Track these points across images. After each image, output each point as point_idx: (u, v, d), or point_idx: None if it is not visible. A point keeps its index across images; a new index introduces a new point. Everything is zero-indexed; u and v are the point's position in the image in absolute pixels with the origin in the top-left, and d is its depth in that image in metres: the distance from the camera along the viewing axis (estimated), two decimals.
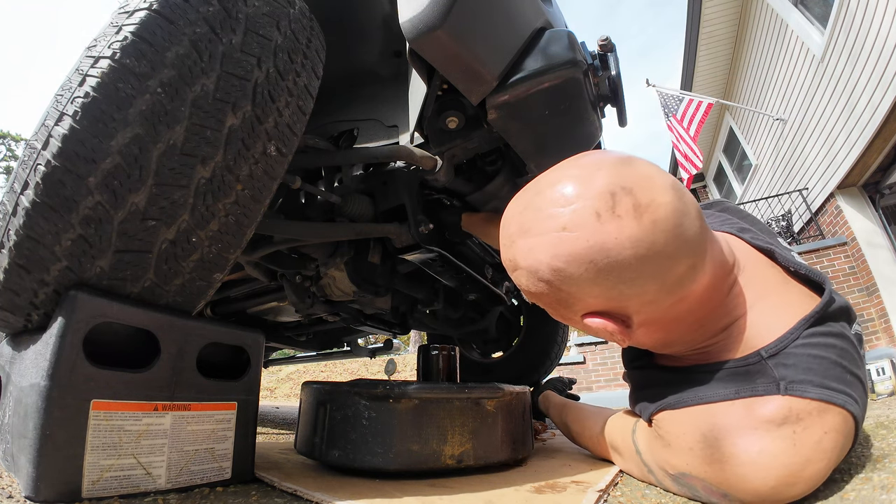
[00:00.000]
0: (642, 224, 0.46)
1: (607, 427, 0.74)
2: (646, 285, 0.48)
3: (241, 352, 0.62)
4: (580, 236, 0.48)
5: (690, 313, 0.53)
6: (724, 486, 0.47)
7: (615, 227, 0.46)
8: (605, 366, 4.73)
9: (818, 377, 0.46)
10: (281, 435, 1.34)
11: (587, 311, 0.53)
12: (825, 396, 0.45)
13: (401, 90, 0.93)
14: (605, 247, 0.47)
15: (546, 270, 0.51)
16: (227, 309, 1.37)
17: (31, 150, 0.49)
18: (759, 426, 0.46)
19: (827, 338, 0.49)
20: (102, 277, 0.50)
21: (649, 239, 0.46)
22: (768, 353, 0.49)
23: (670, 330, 0.55)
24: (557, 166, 0.56)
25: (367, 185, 1.01)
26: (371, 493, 0.54)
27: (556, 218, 0.50)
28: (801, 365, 0.47)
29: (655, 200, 0.47)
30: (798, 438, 0.44)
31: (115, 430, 0.47)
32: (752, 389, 0.48)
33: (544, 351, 1.76)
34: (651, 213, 0.47)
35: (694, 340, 0.56)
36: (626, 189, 0.48)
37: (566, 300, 0.53)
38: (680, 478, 0.53)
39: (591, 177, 0.50)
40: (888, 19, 3.31)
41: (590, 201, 0.48)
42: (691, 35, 5.91)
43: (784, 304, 0.53)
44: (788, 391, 0.46)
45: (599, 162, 0.51)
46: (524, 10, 0.73)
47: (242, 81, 0.54)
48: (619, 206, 0.47)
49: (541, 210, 0.52)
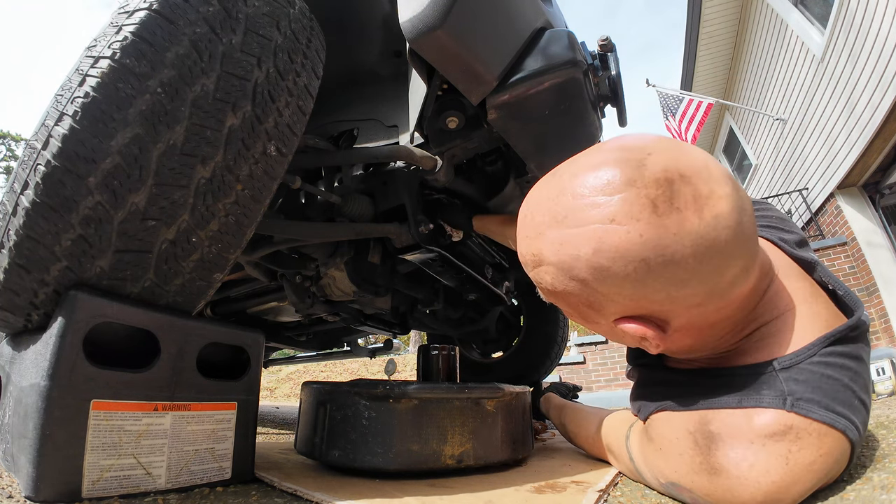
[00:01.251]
0: (703, 219, 0.41)
1: (604, 428, 0.74)
2: (697, 288, 0.43)
3: (241, 352, 0.62)
4: (632, 230, 0.41)
5: (727, 319, 0.49)
6: (711, 497, 0.46)
7: (674, 220, 0.41)
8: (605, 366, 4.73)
9: (826, 398, 0.44)
10: (281, 435, 1.34)
11: (622, 314, 0.47)
12: (828, 419, 0.43)
13: (401, 90, 0.92)
14: (662, 243, 0.41)
15: (583, 268, 0.45)
16: (227, 309, 1.37)
17: (31, 150, 0.49)
18: (755, 439, 0.44)
19: (844, 359, 0.46)
20: (102, 277, 0.50)
21: (711, 236, 0.41)
22: (781, 366, 0.46)
23: (702, 336, 0.50)
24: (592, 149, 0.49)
25: (367, 185, 1.01)
26: (371, 493, 0.54)
27: (602, 207, 0.43)
28: (811, 383, 0.44)
29: (716, 192, 0.42)
30: (792, 458, 0.42)
31: (115, 430, 0.47)
32: (756, 400, 0.45)
33: (544, 351, 1.76)
34: (712, 206, 0.41)
35: (717, 346, 0.53)
36: (684, 177, 0.42)
37: (599, 302, 0.47)
38: (670, 486, 0.52)
39: (644, 161, 0.43)
40: (888, 19, 3.31)
41: (644, 189, 0.42)
42: (691, 35, 5.91)
43: (809, 317, 0.50)
44: (794, 408, 0.43)
45: (649, 144, 0.45)
46: (524, 10, 0.73)
47: (242, 81, 0.54)
48: (679, 196, 0.41)
49: (581, 197, 0.45)
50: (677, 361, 0.61)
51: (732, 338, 0.52)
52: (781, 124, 5.28)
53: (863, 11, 3.58)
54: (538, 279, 0.52)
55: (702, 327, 0.49)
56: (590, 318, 0.51)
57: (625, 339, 0.51)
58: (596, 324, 0.52)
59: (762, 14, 5.27)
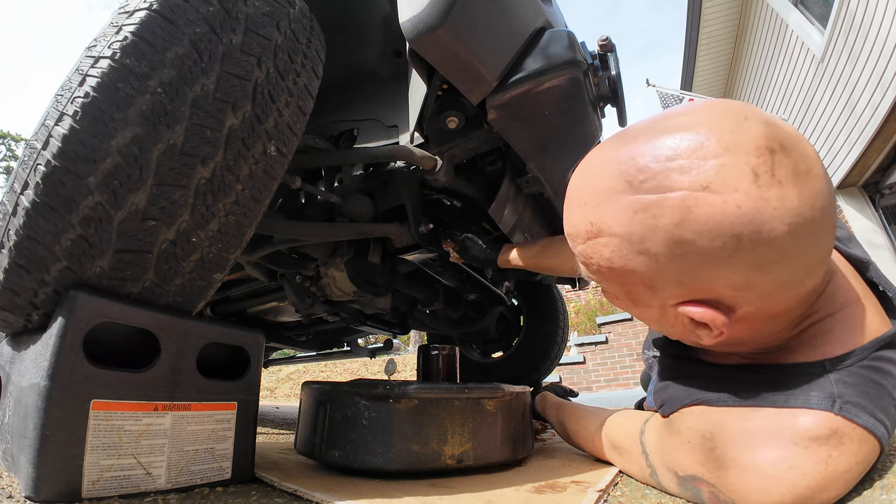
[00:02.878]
0: (803, 195, 0.37)
1: (608, 426, 0.73)
2: (778, 273, 0.39)
3: (241, 352, 0.62)
4: (729, 201, 0.37)
5: (790, 311, 0.45)
6: (736, 495, 0.44)
7: (776, 194, 0.37)
8: (605, 366, 4.73)
9: (871, 404, 0.42)
10: (281, 435, 1.34)
11: (687, 298, 0.43)
12: (871, 426, 0.42)
13: (401, 90, 0.93)
14: (759, 219, 0.36)
15: (660, 240, 0.40)
16: (227, 309, 1.37)
17: (31, 150, 0.49)
18: (799, 441, 0.42)
19: (890, 365, 0.45)
20: (102, 277, 0.50)
21: (809, 215, 0.37)
22: (833, 367, 0.44)
23: (760, 328, 0.46)
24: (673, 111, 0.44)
25: (367, 185, 1.01)
26: (371, 493, 0.54)
27: (694, 172, 0.38)
28: (860, 387, 0.43)
29: (812, 169, 0.38)
30: (832, 462, 0.41)
31: (115, 430, 0.47)
32: (804, 400, 0.44)
33: (544, 351, 1.76)
34: (811, 183, 0.38)
35: (767, 341, 0.49)
36: (785, 149, 0.38)
37: (662, 282, 0.42)
38: (688, 480, 0.51)
39: (740, 125, 0.39)
40: (888, 19, 3.31)
41: (744, 156, 0.37)
42: (691, 35, 5.91)
43: (861, 318, 0.47)
44: (842, 411, 0.42)
45: (743, 108, 0.40)
46: (524, 10, 0.73)
47: (242, 81, 0.54)
48: (780, 168, 0.37)
49: (666, 160, 0.39)
50: (713, 356, 0.57)
51: (786, 332, 0.48)
52: None
53: (863, 11, 3.58)
54: (591, 253, 0.46)
55: (764, 318, 0.45)
56: (642, 301, 0.47)
57: (675, 325, 0.46)
58: (646, 307, 0.47)
59: (762, 14, 5.27)
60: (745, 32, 5.79)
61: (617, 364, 4.69)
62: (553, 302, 1.80)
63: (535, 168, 0.86)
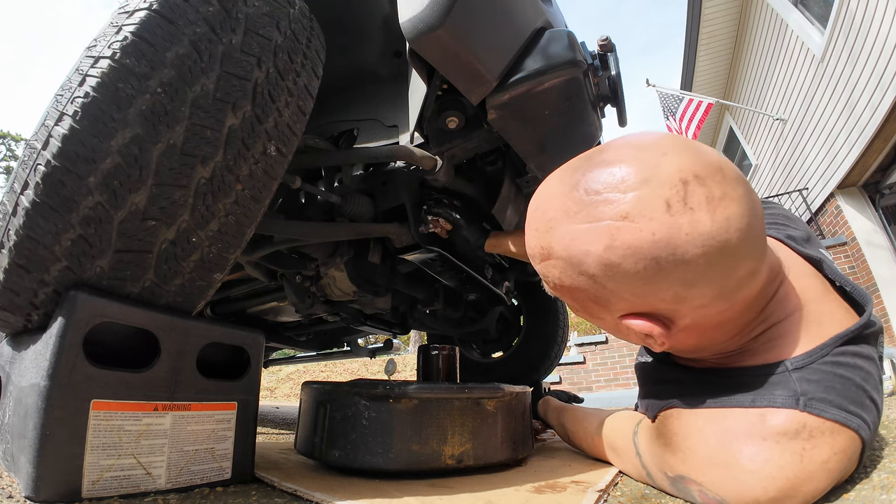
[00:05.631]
0: (716, 220, 0.41)
1: (606, 426, 0.74)
2: (705, 289, 0.44)
3: (241, 352, 0.62)
4: (645, 228, 0.42)
5: (734, 320, 0.49)
6: (722, 491, 0.46)
7: (687, 220, 0.41)
8: (605, 366, 4.73)
9: (839, 398, 0.44)
10: (281, 435, 1.34)
11: (629, 311, 0.48)
12: (841, 418, 0.43)
13: (401, 90, 0.93)
14: (673, 243, 0.41)
15: (593, 263, 0.45)
16: (227, 309, 1.37)
17: (31, 150, 0.49)
18: (769, 437, 0.44)
19: (856, 358, 0.47)
20: (102, 277, 0.50)
21: (722, 237, 0.41)
22: (794, 366, 0.47)
23: (707, 336, 0.51)
24: (607, 145, 0.49)
25: (367, 185, 1.01)
26: (371, 493, 0.54)
27: (616, 204, 0.43)
28: (824, 382, 0.45)
29: (728, 194, 0.42)
30: (807, 455, 0.43)
31: (115, 430, 0.47)
32: (769, 400, 0.46)
33: (544, 351, 1.76)
34: (724, 207, 0.42)
35: (725, 346, 0.53)
36: (699, 178, 0.42)
37: (606, 298, 0.48)
38: (678, 480, 0.52)
39: (658, 160, 0.44)
40: (888, 19, 3.31)
41: (658, 189, 0.42)
42: (691, 35, 5.91)
43: (820, 316, 0.50)
44: (807, 408, 0.44)
45: (664, 144, 0.45)
46: (524, 10, 0.73)
47: (242, 81, 0.54)
48: (692, 196, 0.41)
49: (595, 193, 0.45)
50: (686, 360, 0.61)
51: (742, 338, 0.52)
52: (781, 124, 5.28)
53: (863, 11, 3.58)
54: (545, 273, 0.52)
55: (707, 327, 0.49)
56: (595, 314, 0.52)
57: (629, 335, 0.51)
58: (601, 319, 0.52)
59: (762, 14, 5.27)
60: (745, 32, 5.79)
61: (617, 364, 4.69)
62: (553, 302, 1.80)
63: (535, 168, 0.86)
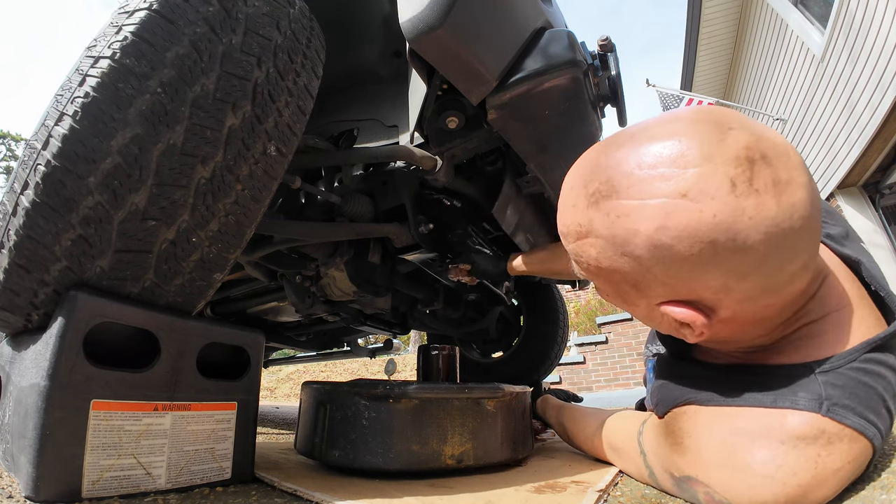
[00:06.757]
0: (781, 205, 0.38)
1: (607, 426, 0.73)
2: (756, 281, 0.41)
3: (241, 352, 0.62)
4: (706, 209, 0.38)
5: (773, 317, 0.47)
6: (730, 495, 0.45)
7: (753, 203, 0.38)
8: (605, 366, 4.72)
9: (860, 405, 0.43)
10: (281, 435, 1.34)
11: (670, 298, 0.45)
12: (860, 426, 0.42)
13: (401, 90, 0.93)
14: (735, 227, 0.38)
15: (641, 244, 0.41)
16: (227, 309, 1.37)
17: (31, 150, 0.49)
18: (787, 440, 0.43)
19: (880, 367, 0.45)
20: (102, 277, 0.50)
21: (786, 224, 0.38)
22: (821, 369, 0.45)
23: (745, 329, 0.48)
24: (661, 117, 0.46)
25: (367, 185, 1.01)
26: (371, 493, 0.54)
27: (674, 180, 0.40)
28: (848, 389, 0.44)
29: (794, 179, 0.39)
30: (821, 462, 0.42)
31: (115, 430, 0.47)
32: (792, 401, 0.44)
33: (544, 351, 1.76)
34: (791, 193, 0.39)
35: (756, 340, 0.51)
36: (766, 158, 0.39)
37: (647, 283, 0.44)
38: (683, 481, 0.51)
39: (722, 135, 0.40)
40: (888, 19, 3.31)
41: (723, 166, 0.39)
42: (691, 35, 5.91)
43: (853, 320, 0.48)
44: (830, 413, 0.42)
45: (730, 119, 0.42)
46: (524, 10, 0.73)
47: (242, 81, 0.54)
48: (759, 177, 0.38)
49: (649, 167, 0.41)
50: (709, 355, 0.58)
51: (775, 334, 0.50)
52: (781, 124, 5.28)
53: (863, 12, 3.57)
54: (580, 252, 0.48)
55: (746, 321, 0.46)
56: (629, 299, 0.49)
57: (662, 323, 0.48)
58: (634, 306, 0.49)
59: (762, 14, 5.27)
60: (745, 32, 5.79)
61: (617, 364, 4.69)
62: (553, 302, 1.80)
63: (535, 168, 0.86)
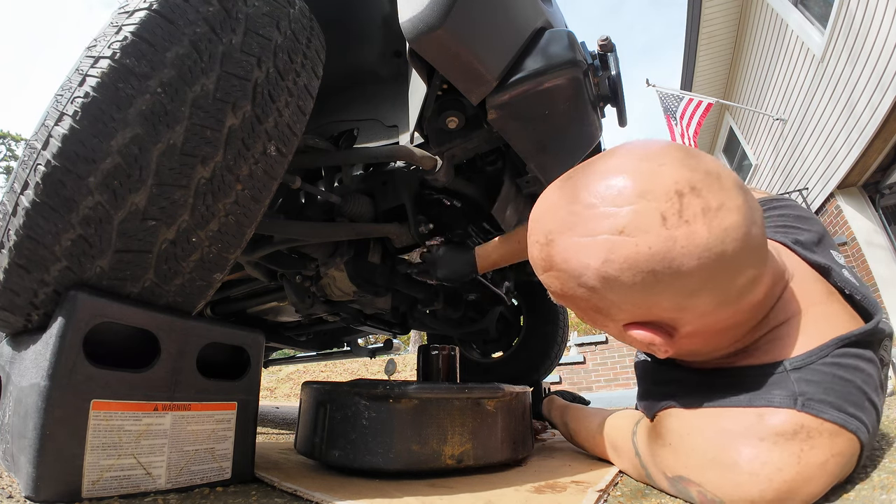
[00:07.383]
0: (712, 231, 0.41)
1: (607, 425, 0.74)
2: (706, 298, 0.44)
3: (241, 352, 0.62)
4: (641, 242, 0.42)
5: (737, 325, 0.50)
6: (721, 493, 0.46)
7: (683, 233, 0.41)
8: (605, 366, 4.73)
9: (838, 399, 0.44)
10: (281, 435, 1.34)
11: (631, 320, 0.48)
12: (839, 420, 0.43)
13: (401, 90, 0.92)
14: (670, 256, 0.42)
15: (592, 276, 0.45)
16: (227, 309, 1.37)
17: (31, 150, 0.49)
18: (766, 437, 0.44)
19: (857, 360, 0.47)
20: (102, 277, 0.50)
21: (719, 248, 0.41)
22: (793, 366, 0.47)
23: (711, 341, 0.51)
24: (607, 154, 0.50)
25: (367, 185, 1.01)
26: (371, 493, 0.54)
27: (612, 218, 0.44)
28: (823, 384, 0.45)
29: (725, 204, 0.42)
30: (804, 456, 0.43)
31: (115, 430, 0.47)
32: (767, 400, 0.46)
33: (544, 351, 1.76)
34: (721, 218, 0.42)
35: (727, 348, 0.53)
36: (695, 189, 0.42)
37: (607, 309, 0.48)
38: (677, 481, 0.52)
39: (654, 172, 0.44)
40: (888, 19, 3.31)
41: (654, 202, 0.42)
42: (691, 35, 5.91)
43: (822, 318, 0.50)
44: (805, 408, 0.44)
45: (660, 154, 0.46)
46: (524, 10, 0.73)
47: (242, 81, 0.54)
48: (688, 209, 0.42)
49: (592, 207, 0.45)
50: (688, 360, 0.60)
51: (745, 341, 0.52)
52: (781, 124, 5.28)
53: (863, 12, 3.57)
54: (548, 283, 0.53)
55: (710, 333, 0.49)
56: (599, 322, 0.52)
57: (634, 343, 0.51)
58: (605, 326, 0.53)
59: (762, 14, 5.26)
60: (745, 32, 5.79)
61: (617, 364, 4.69)
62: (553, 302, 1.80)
63: (535, 168, 0.86)
